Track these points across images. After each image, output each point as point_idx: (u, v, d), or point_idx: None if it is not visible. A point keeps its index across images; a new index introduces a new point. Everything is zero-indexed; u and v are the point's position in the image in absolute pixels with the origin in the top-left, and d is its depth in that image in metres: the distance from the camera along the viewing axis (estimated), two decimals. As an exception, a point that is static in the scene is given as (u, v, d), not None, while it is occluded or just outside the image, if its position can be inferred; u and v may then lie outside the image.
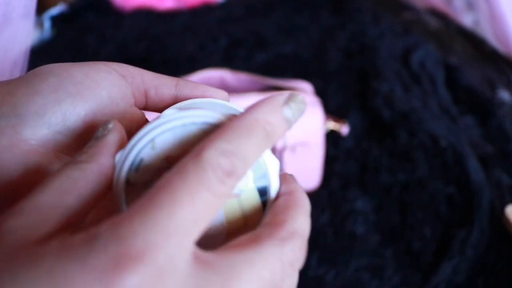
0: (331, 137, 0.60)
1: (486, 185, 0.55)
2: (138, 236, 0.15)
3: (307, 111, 0.61)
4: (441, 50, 0.76)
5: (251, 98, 0.55)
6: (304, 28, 0.82)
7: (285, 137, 0.54)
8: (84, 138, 0.23)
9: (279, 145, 0.54)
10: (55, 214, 0.18)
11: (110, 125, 0.21)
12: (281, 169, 0.55)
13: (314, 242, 0.53)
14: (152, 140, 0.20)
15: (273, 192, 0.21)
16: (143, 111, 0.26)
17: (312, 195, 0.58)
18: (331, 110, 0.63)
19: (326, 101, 0.62)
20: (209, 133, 0.19)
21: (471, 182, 0.55)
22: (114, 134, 0.21)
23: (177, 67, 0.72)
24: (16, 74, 0.42)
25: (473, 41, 0.79)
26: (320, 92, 0.62)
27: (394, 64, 0.72)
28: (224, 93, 0.26)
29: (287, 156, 0.55)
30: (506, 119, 0.63)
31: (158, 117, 0.20)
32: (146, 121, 0.25)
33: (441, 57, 0.73)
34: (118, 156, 0.20)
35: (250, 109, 0.20)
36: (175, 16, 0.83)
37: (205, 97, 0.25)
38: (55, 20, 0.79)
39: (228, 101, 0.25)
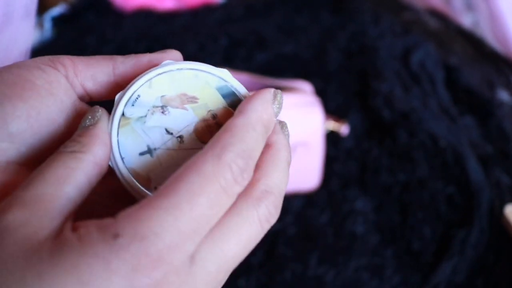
0: (331, 137, 0.61)
1: (486, 185, 0.55)
2: (157, 237, 0.16)
3: (307, 111, 0.61)
4: (440, 51, 0.76)
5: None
6: (304, 28, 0.82)
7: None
8: (35, 145, 0.21)
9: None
10: (58, 205, 0.18)
11: (98, 113, 0.21)
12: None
13: (314, 242, 0.53)
14: (150, 80, 0.22)
15: None
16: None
17: (312, 195, 0.58)
18: (331, 110, 0.64)
19: (326, 101, 0.62)
20: (200, 77, 0.22)
21: (470, 182, 0.55)
22: (104, 122, 0.21)
23: (177, 67, 0.72)
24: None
25: (472, 42, 0.79)
26: (320, 92, 0.62)
27: (394, 64, 0.72)
28: (175, 52, 0.24)
29: (287, 156, 0.55)
30: (506, 119, 0.63)
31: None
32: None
33: (440, 58, 0.73)
34: (119, 95, 0.22)
35: (249, 106, 0.21)
36: (175, 16, 0.83)
37: (152, 65, 0.23)
38: (55, 20, 0.79)
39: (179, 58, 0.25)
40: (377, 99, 0.66)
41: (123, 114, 0.21)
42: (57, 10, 0.81)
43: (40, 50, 0.73)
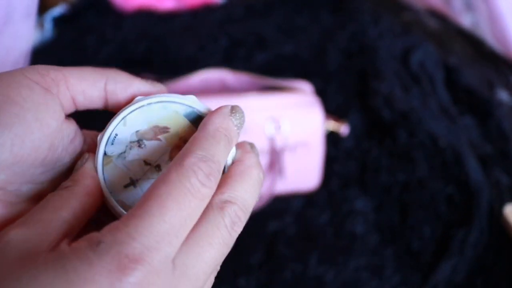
0: (331, 137, 0.61)
1: (485, 185, 0.55)
2: (135, 241, 0.18)
3: (307, 111, 0.61)
4: (440, 51, 0.76)
5: (251, 98, 0.55)
6: (304, 28, 0.82)
7: (285, 137, 0.55)
8: (15, 171, 0.21)
9: (279, 145, 0.54)
10: (54, 226, 0.20)
11: (86, 157, 0.24)
12: (281, 168, 0.55)
13: (314, 242, 0.53)
14: (124, 118, 0.24)
15: (229, 158, 0.24)
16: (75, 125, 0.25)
17: (312, 195, 0.58)
18: (331, 110, 0.64)
19: (326, 101, 0.62)
20: (168, 108, 0.24)
21: (470, 182, 0.55)
22: (90, 162, 0.24)
23: (178, 67, 0.72)
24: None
25: (472, 42, 0.79)
26: (320, 92, 0.62)
27: (394, 64, 0.72)
28: (160, 86, 0.26)
29: (287, 156, 0.55)
30: (505, 119, 0.63)
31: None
32: (80, 134, 0.24)
33: (440, 58, 0.74)
34: (100, 136, 0.24)
35: (207, 121, 0.23)
36: (175, 16, 0.83)
37: (141, 93, 0.25)
38: (56, 20, 0.80)
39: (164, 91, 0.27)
40: (377, 99, 0.66)
41: (105, 153, 0.24)
42: (57, 10, 0.81)
43: (40, 50, 0.73)
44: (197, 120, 0.24)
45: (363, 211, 0.56)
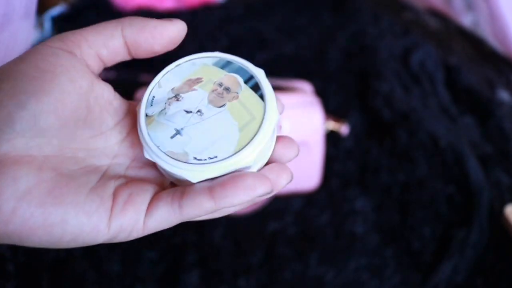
0: (331, 137, 0.61)
1: (486, 185, 0.55)
2: None
3: (307, 111, 0.61)
4: (440, 51, 0.76)
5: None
6: (304, 28, 0.82)
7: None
8: (65, 134, 0.22)
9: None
10: None
11: None
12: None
13: (314, 242, 0.53)
14: (158, 82, 0.26)
15: (265, 87, 0.25)
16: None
17: (312, 195, 0.58)
18: (331, 110, 0.63)
19: (326, 101, 0.62)
20: (197, 63, 0.26)
21: (470, 182, 0.55)
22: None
23: (177, 67, 0.72)
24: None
25: (472, 42, 0.79)
26: (320, 92, 0.62)
27: (394, 64, 0.72)
28: (180, 23, 0.25)
29: (287, 156, 0.55)
30: (506, 119, 0.63)
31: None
32: (119, 98, 0.26)
33: (440, 57, 0.73)
34: (138, 105, 0.25)
35: None
36: (175, 16, 0.83)
37: (155, 34, 0.25)
38: (55, 20, 0.79)
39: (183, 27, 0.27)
40: (377, 99, 0.66)
41: (146, 115, 0.25)
42: (57, 9, 0.81)
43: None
44: (227, 65, 0.26)
45: (363, 211, 0.56)
